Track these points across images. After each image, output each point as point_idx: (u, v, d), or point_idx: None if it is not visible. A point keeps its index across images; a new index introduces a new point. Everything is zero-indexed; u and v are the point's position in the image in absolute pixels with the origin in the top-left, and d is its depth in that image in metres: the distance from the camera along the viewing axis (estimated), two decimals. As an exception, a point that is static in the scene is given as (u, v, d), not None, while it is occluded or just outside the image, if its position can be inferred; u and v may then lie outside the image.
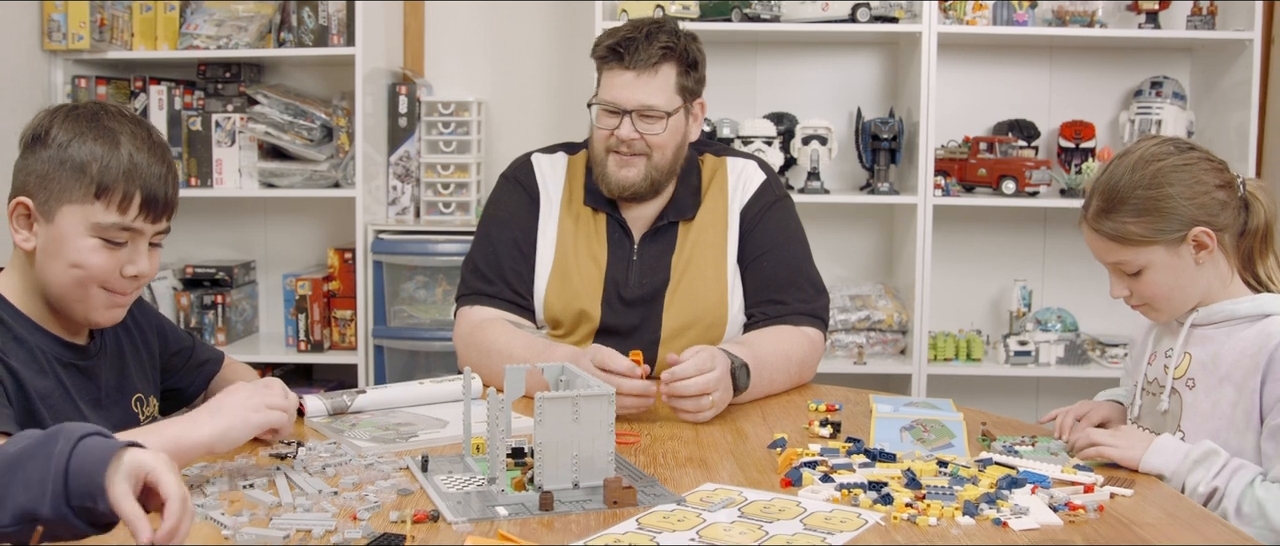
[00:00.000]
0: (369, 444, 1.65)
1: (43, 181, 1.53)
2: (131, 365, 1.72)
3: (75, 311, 1.59)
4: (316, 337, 3.50)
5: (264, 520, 1.32)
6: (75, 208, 1.53)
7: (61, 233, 1.53)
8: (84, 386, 1.62)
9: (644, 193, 2.14)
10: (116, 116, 1.57)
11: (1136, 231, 1.67)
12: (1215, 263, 1.69)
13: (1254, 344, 1.64)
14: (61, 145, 1.53)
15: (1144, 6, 3.45)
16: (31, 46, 3.27)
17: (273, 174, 3.49)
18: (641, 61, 2.07)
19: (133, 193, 1.54)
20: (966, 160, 3.49)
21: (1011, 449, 1.66)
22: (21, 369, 1.52)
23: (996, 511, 1.39)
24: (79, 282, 1.55)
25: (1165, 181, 1.66)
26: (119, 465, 1.09)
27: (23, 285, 1.59)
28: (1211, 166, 1.69)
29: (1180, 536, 1.34)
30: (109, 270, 1.55)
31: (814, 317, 2.17)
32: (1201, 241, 1.67)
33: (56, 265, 1.55)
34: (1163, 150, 1.69)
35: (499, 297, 2.15)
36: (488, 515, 1.36)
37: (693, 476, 1.55)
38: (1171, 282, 1.70)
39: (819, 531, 1.32)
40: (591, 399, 1.46)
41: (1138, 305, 1.76)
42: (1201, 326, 1.71)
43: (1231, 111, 3.44)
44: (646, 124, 2.09)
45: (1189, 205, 1.66)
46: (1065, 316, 3.51)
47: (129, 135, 1.55)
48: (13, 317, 1.56)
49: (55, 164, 1.53)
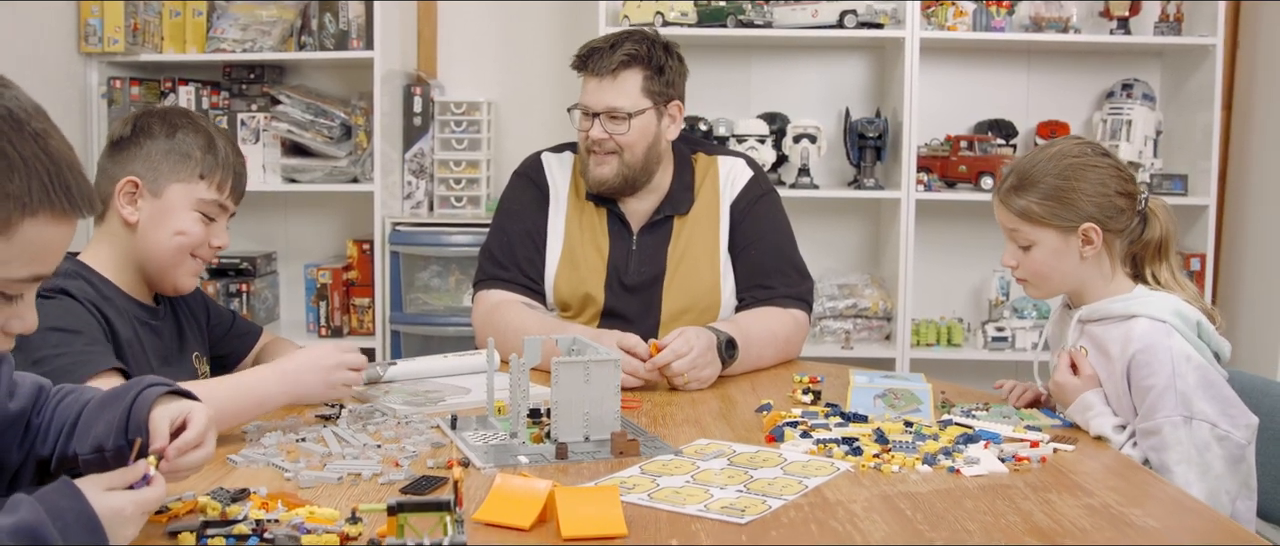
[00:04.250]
0: (403, 407, 1.86)
1: (152, 164, 1.84)
2: (188, 329, 2.00)
3: (166, 276, 1.88)
4: (336, 324, 3.70)
5: (319, 466, 1.53)
6: (183, 185, 1.85)
7: (170, 205, 1.85)
8: (154, 343, 1.89)
9: (619, 188, 2.33)
10: (202, 118, 1.93)
11: (1037, 211, 1.84)
12: (1098, 260, 1.86)
13: (1119, 344, 1.80)
14: (166, 136, 1.85)
15: (1115, 13, 3.62)
16: (69, 49, 3.46)
17: (295, 170, 3.67)
18: (604, 68, 2.28)
19: (227, 177, 1.88)
20: (948, 158, 3.65)
21: (969, 413, 1.88)
22: (113, 318, 1.79)
23: (951, 461, 1.60)
24: (180, 248, 1.86)
25: (1074, 177, 1.83)
26: (165, 405, 1.34)
27: (111, 255, 1.86)
28: (1118, 175, 1.85)
29: (1110, 482, 1.55)
30: (202, 239, 1.88)
31: (799, 300, 2.37)
32: (1088, 237, 1.83)
33: (161, 233, 1.85)
34: (1081, 150, 1.86)
35: (513, 282, 2.35)
36: (511, 462, 1.57)
37: (689, 433, 1.76)
38: (1052, 265, 1.87)
39: (797, 476, 1.53)
40: (601, 363, 1.67)
41: (1021, 278, 1.93)
42: (1088, 322, 1.88)
43: (1198, 111, 3.62)
44: (614, 124, 2.29)
45: (1088, 202, 1.82)
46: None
47: (218, 133, 1.91)
48: (100, 282, 1.83)
49: (163, 151, 1.85)
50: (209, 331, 2.07)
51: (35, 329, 1.18)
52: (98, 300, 1.78)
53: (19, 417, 1.36)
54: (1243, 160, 3.71)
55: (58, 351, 1.66)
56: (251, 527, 1.26)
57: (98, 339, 1.73)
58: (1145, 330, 1.78)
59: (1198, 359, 1.76)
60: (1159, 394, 1.73)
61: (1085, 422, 1.81)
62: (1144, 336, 1.77)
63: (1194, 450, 1.72)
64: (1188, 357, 1.75)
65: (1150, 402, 1.74)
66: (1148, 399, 1.75)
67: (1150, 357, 1.75)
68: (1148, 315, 1.79)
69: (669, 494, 1.44)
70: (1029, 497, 1.46)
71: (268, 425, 1.73)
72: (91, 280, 1.82)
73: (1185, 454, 1.72)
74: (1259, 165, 3.62)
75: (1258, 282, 3.59)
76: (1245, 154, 3.69)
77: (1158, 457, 1.73)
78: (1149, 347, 1.76)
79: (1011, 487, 1.50)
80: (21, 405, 1.36)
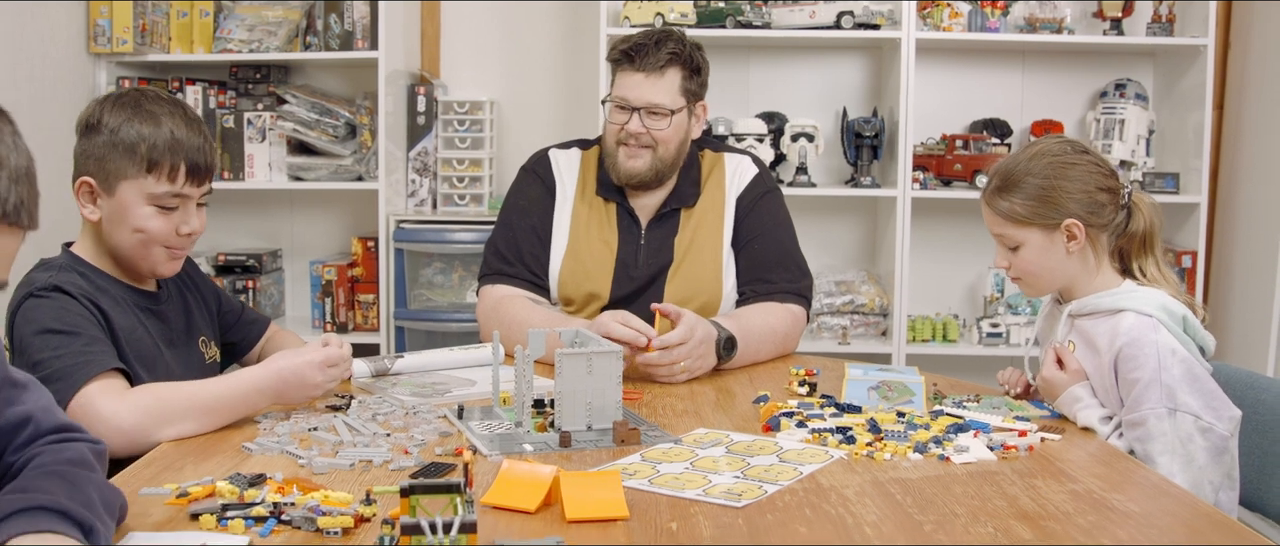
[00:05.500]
0: (410, 398, 1.92)
1: (101, 163, 1.80)
2: (196, 312, 2.01)
3: (141, 267, 1.87)
4: (341, 320, 3.75)
5: (331, 453, 1.59)
6: (131, 182, 1.80)
7: (122, 204, 1.81)
8: (159, 327, 1.90)
9: (649, 181, 2.38)
10: (154, 99, 1.84)
11: (1021, 212, 1.88)
12: (1084, 254, 1.90)
13: (1106, 337, 1.85)
14: (112, 130, 1.79)
15: (1109, 14, 3.67)
16: (78, 49, 3.50)
17: (300, 168, 3.72)
18: (650, 64, 2.32)
19: (178, 163, 1.81)
20: (943, 156, 3.70)
21: (961, 404, 1.93)
22: (110, 310, 1.79)
23: (941, 449, 1.65)
24: (142, 244, 1.83)
25: (1056, 175, 1.87)
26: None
27: (95, 249, 1.87)
28: (1100, 171, 1.89)
29: (1094, 469, 1.60)
30: (167, 231, 1.83)
31: (798, 296, 2.42)
32: (1072, 232, 1.87)
33: (121, 231, 1.82)
34: (1061, 148, 1.90)
35: (517, 277, 2.40)
36: (516, 450, 1.62)
37: (688, 423, 1.82)
38: (1041, 263, 1.91)
39: (792, 463, 1.59)
40: (602, 355, 1.73)
41: (1014, 278, 1.98)
42: (1078, 316, 1.93)
43: (1190, 111, 3.67)
44: (653, 120, 2.33)
45: (1070, 200, 1.86)
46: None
47: (168, 114, 1.81)
48: (94, 273, 1.84)
49: (109, 147, 1.79)
50: (219, 319, 2.10)
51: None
52: (92, 292, 1.78)
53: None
54: (1233, 159, 3.76)
55: (56, 354, 1.67)
56: (269, 509, 1.32)
57: (96, 337, 1.72)
58: (1132, 324, 1.83)
59: (1183, 353, 1.81)
60: (1145, 386, 1.78)
61: (1073, 414, 1.86)
62: (1130, 330, 1.82)
63: (1178, 441, 1.77)
64: (1173, 351, 1.80)
65: (1136, 395, 1.79)
66: (1134, 391, 1.79)
67: (1137, 351, 1.80)
68: (1135, 309, 1.84)
69: (669, 479, 1.50)
70: (1015, 483, 1.51)
71: (280, 415, 1.79)
72: (84, 272, 1.82)
73: (1169, 445, 1.76)
74: (1249, 164, 3.68)
75: (1247, 279, 3.64)
76: (1236, 153, 3.75)
77: (1142, 448, 1.78)
78: (1135, 341, 1.81)
79: (999, 474, 1.56)
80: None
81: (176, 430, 1.67)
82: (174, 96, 1.89)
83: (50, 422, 1.35)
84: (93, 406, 1.63)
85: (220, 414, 1.71)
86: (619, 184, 2.41)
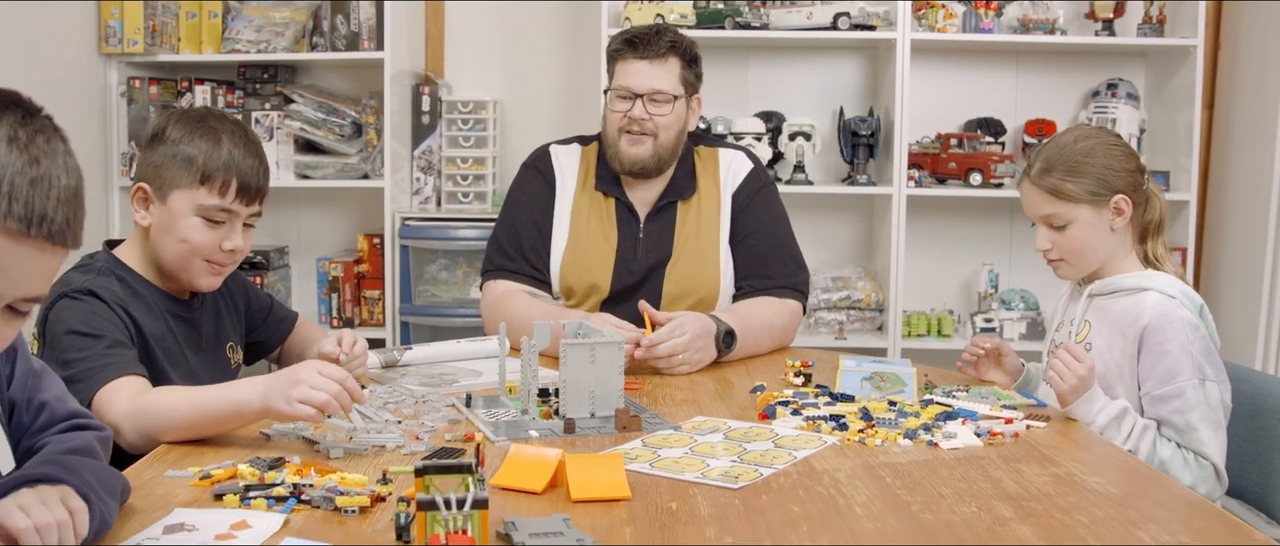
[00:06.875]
0: (420, 388, 1.99)
1: (159, 171, 1.87)
2: (226, 319, 2.07)
3: (181, 278, 1.93)
4: (348, 315, 3.82)
5: (346, 438, 1.66)
6: (183, 192, 1.86)
7: (173, 212, 1.87)
8: (188, 334, 1.96)
9: (650, 169, 2.44)
10: (219, 119, 1.91)
11: (1071, 189, 1.97)
12: (1123, 233, 2.00)
13: (1130, 314, 1.94)
14: (175, 141, 1.86)
15: (1100, 15, 3.73)
16: (89, 50, 3.57)
17: (307, 166, 3.79)
18: (652, 52, 2.40)
19: (230, 180, 1.87)
20: (938, 155, 3.76)
21: (950, 393, 2.00)
22: (140, 316, 1.85)
23: (930, 436, 1.72)
24: (186, 255, 1.89)
25: (1099, 153, 1.97)
26: None
27: (140, 254, 1.93)
28: (1131, 153, 2.01)
29: (1075, 454, 1.67)
30: (210, 245, 1.88)
31: (795, 290, 2.49)
32: (1120, 208, 1.97)
33: (168, 240, 1.88)
34: (1098, 131, 2.03)
35: (519, 272, 2.46)
36: (522, 436, 1.69)
37: (687, 412, 1.88)
38: (1088, 240, 1.99)
39: (787, 448, 1.66)
40: (605, 345, 1.80)
41: (1055, 260, 2.04)
42: (1098, 296, 2.02)
43: (1180, 110, 3.72)
44: (656, 106, 2.40)
45: (1114, 176, 1.96)
46: (1027, 297, 3.80)
47: (228, 134, 1.88)
48: (133, 278, 1.90)
49: (169, 157, 1.86)
50: (247, 317, 2.15)
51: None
52: (126, 298, 1.84)
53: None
54: (1223, 157, 3.83)
55: (80, 355, 1.73)
56: (289, 490, 1.39)
57: (119, 342, 1.77)
58: (1157, 302, 1.92)
59: (1203, 331, 1.92)
60: (1176, 358, 1.88)
61: (1090, 418, 1.88)
62: (1157, 307, 1.92)
63: (1209, 409, 1.87)
64: (1196, 328, 1.91)
65: (1168, 366, 1.88)
66: (1165, 363, 1.89)
67: (1165, 324, 1.90)
68: (1159, 289, 1.94)
69: (669, 463, 1.56)
70: (1000, 467, 1.58)
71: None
72: (123, 276, 1.88)
73: (1206, 413, 1.87)
74: (1238, 162, 3.74)
75: (1236, 275, 3.71)
76: (1226, 151, 3.81)
77: (1182, 419, 1.87)
78: (1163, 316, 1.90)
79: (985, 458, 1.63)
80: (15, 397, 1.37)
81: (173, 436, 1.66)
82: (237, 119, 1.96)
83: (62, 410, 1.42)
84: (107, 408, 1.69)
85: (214, 417, 1.66)
86: (621, 172, 2.47)
